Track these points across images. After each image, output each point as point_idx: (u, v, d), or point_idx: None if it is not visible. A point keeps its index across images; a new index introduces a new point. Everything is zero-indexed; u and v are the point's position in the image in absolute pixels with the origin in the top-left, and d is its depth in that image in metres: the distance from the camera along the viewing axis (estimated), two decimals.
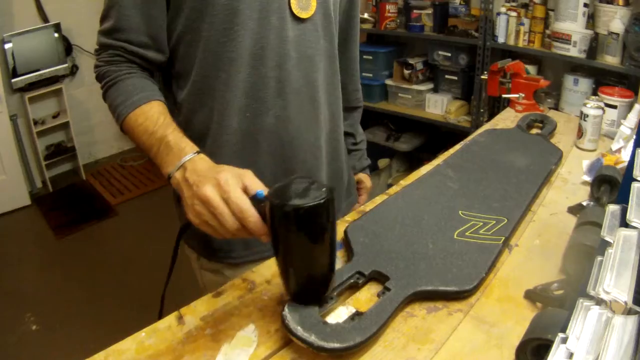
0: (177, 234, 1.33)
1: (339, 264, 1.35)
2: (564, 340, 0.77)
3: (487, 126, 2.41)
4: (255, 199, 1.08)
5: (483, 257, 1.34)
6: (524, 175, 1.80)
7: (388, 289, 1.21)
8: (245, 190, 1.10)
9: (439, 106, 4.61)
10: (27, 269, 4.21)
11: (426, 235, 1.43)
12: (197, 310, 1.20)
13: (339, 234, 1.43)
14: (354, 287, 1.26)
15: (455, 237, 1.43)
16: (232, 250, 1.62)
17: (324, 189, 1.03)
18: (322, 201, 1.01)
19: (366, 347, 1.08)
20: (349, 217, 1.62)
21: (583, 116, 2.13)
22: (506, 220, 1.51)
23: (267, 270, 1.34)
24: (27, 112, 4.97)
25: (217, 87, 1.46)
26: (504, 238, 1.43)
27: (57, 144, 5.49)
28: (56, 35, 5.08)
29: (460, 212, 1.56)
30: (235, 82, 1.45)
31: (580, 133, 2.15)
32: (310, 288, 1.13)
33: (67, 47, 5.30)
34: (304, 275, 1.12)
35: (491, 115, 3.56)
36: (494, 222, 1.50)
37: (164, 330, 1.14)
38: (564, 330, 0.80)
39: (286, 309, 1.09)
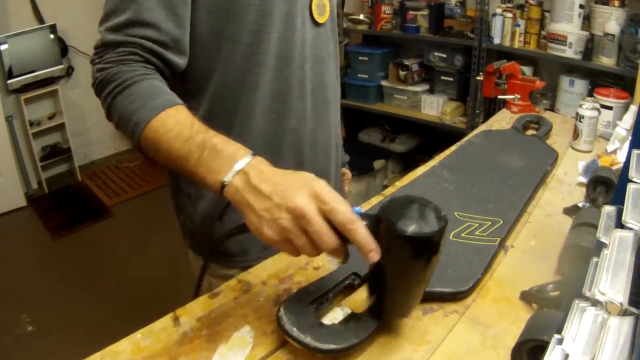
0: (204, 258, 1.28)
1: (334, 264, 1.36)
2: (560, 342, 0.77)
3: (482, 127, 2.41)
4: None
5: (479, 258, 1.34)
6: (520, 177, 1.80)
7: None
8: None
9: (434, 107, 4.62)
10: (22, 270, 4.20)
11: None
12: (193, 311, 1.20)
13: None
14: (350, 289, 1.25)
15: (451, 238, 1.44)
16: (250, 253, 1.54)
17: (441, 214, 0.97)
18: (442, 228, 0.95)
19: (362, 348, 1.08)
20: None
21: (579, 117, 2.13)
22: (502, 222, 1.51)
23: (263, 271, 1.34)
24: (22, 113, 4.97)
25: (243, 90, 1.40)
26: (499, 239, 1.43)
27: (52, 145, 5.48)
28: (52, 36, 5.07)
29: (455, 213, 1.56)
30: (262, 84, 1.41)
31: (576, 134, 2.16)
32: (408, 303, 1.11)
33: (63, 49, 5.30)
34: (408, 293, 1.08)
35: (487, 117, 3.56)
36: (490, 223, 1.50)
37: (160, 331, 1.14)
38: (559, 331, 0.80)
39: (282, 310, 1.09)
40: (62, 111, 5.26)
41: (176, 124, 1.14)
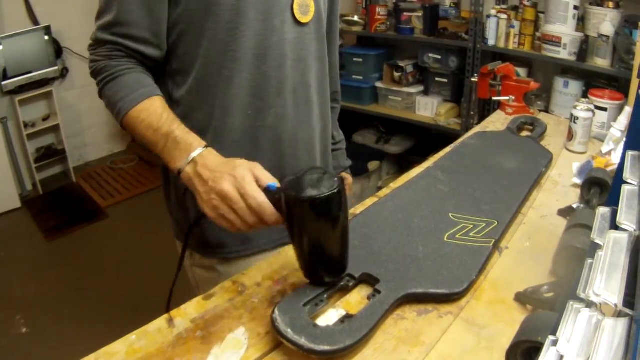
0: (185, 236, 1.35)
1: None
2: (554, 343, 0.77)
3: (477, 129, 2.41)
4: (267, 191, 1.16)
5: (473, 260, 1.35)
6: (514, 178, 1.81)
7: (378, 292, 1.21)
8: (257, 183, 1.17)
9: (429, 109, 4.61)
10: (17, 272, 4.19)
11: (416, 238, 1.44)
12: (188, 312, 1.20)
13: None
14: (344, 290, 1.26)
15: (445, 239, 1.44)
16: (228, 245, 1.62)
17: (335, 179, 1.10)
18: (335, 190, 1.08)
19: (356, 350, 1.08)
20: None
21: (573, 119, 2.13)
22: (496, 223, 1.51)
23: (258, 273, 1.34)
24: (17, 114, 4.96)
25: (219, 84, 1.47)
26: (494, 240, 1.43)
27: (47, 147, 5.47)
28: (46, 37, 5.06)
29: (450, 214, 1.56)
30: (239, 80, 1.47)
31: (571, 135, 2.16)
32: (326, 270, 1.21)
33: (58, 50, 5.29)
34: (321, 258, 1.19)
35: (481, 118, 3.56)
36: (484, 224, 1.50)
37: (154, 332, 1.14)
38: (554, 332, 0.80)
39: (276, 312, 1.10)
40: (56, 113, 5.25)
41: (148, 115, 1.35)
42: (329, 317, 1.17)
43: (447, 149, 2.09)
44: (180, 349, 1.09)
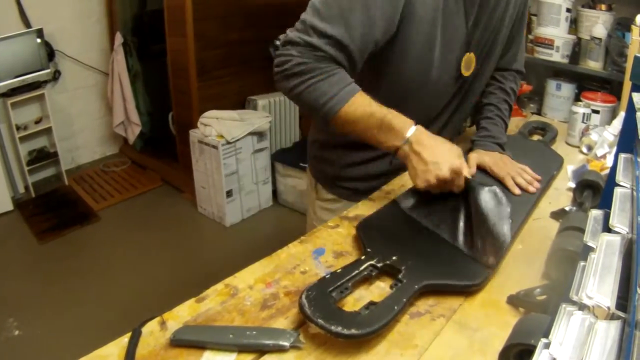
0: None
1: (321, 269, 1.38)
2: (547, 346, 0.77)
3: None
4: None
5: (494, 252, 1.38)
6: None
7: (401, 281, 1.27)
8: None
9: None
10: (9, 274, 4.18)
11: (436, 233, 1.52)
12: (180, 315, 1.20)
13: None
14: (368, 279, 1.32)
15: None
16: (355, 180, 2.02)
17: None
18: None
19: (350, 352, 1.08)
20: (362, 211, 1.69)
21: (572, 113, 2.16)
22: (511, 222, 1.52)
23: (250, 276, 1.34)
24: (9, 117, 4.94)
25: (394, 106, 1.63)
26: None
27: (39, 150, 5.45)
28: (39, 40, 5.04)
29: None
30: (405, 112, 1.61)
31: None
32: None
33: (50, 53, 5.27)
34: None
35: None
36: None
37: (147, 335, 1.13)
38: (546, 335, 0.80)
39: (303, 298, 1.16)
40: (48, 115, 5.23)
41: (358, 106, 1.54)
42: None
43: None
44: (172, 352, 1.09)
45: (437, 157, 1.49)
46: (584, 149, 2.18)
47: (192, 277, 3.93)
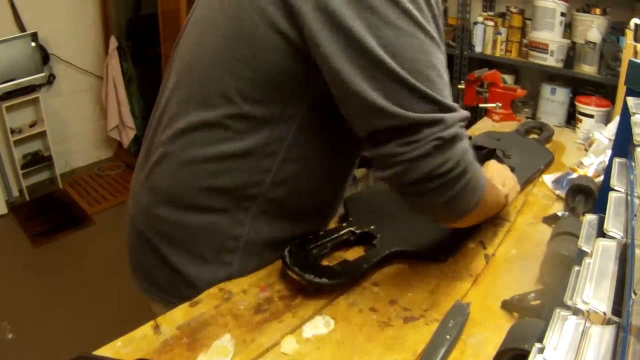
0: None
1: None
2: (541, 351, 0.77)
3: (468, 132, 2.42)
4: None
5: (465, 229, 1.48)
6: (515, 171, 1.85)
7: (374, 246, 1.42)
8: None
9: None
10: (3, 278, 4.17)
11: None
12: (174, 319, 1.20)
13: None
14: (347, 244, 1.48)
15: None
16: None
17: None
18: None
19: (343, 356, 1.08)
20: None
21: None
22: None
23: (244, 280, 1.34)
24: (3, 121, 4.93)
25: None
26: None
27: (34, 153, 5.44)
28: (33, 44, 5.03)
29: None
30: None
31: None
32: None
33: (44, 56, 5.27)
34: None
35: (468, 125, 3.56)
36: None
37: (140, 339, 1.13)
38: (540, 340, 0.80)
39: (286, 252, 1.31)
40: (43, 119, 5.22)
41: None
42: (316, 324, 1.18)
43: None
44: (166, 356, 1.09)
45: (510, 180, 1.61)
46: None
47: None
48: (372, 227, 1.49)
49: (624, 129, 1.21)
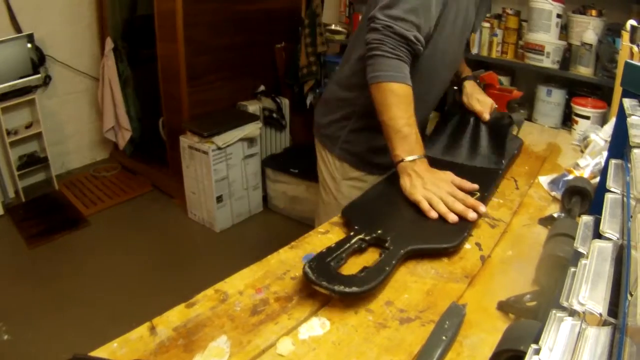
0: None
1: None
2: (537, 352, 0.77)
3: None
4: None
5: (464, 222, 1.60)
6: (487, 158, 2.08)
7: (388, 249, 1.45)
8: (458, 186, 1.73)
9: None
10: None
11: (414, 206, 1.70)
12: (170, 320, 1.20)
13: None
14: (359, 251, 1.48)
15: None
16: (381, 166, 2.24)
17: None
18: None
19: (339, 358, 1.08)
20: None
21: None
22: (477, 194, 1.75)
23: (240, 282, 1.33)
24: None
25: (423, 80, 2.04)
26: (478, 193, 1.75)
27: (29, 154, 5.43)
28: (29, 45, 5.03)
29: None
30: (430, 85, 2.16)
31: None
32: None
33: (40, 58, 5.26)
34: None
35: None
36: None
37: (136, 340, 1.13)
38: (536, 341, 0.79)
39: (306, 268, 1.30)
40: (39, 120, 5.21)
41: (400, 101, 1.80)
42: (312, 325, 1.18)
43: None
44: (162, 357, 1.08)
45: (433, 178, 1.73)
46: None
47: (182, 283, 3.92)
48: (379, 231, 1.52)
49: (620, 131, 1.21)
